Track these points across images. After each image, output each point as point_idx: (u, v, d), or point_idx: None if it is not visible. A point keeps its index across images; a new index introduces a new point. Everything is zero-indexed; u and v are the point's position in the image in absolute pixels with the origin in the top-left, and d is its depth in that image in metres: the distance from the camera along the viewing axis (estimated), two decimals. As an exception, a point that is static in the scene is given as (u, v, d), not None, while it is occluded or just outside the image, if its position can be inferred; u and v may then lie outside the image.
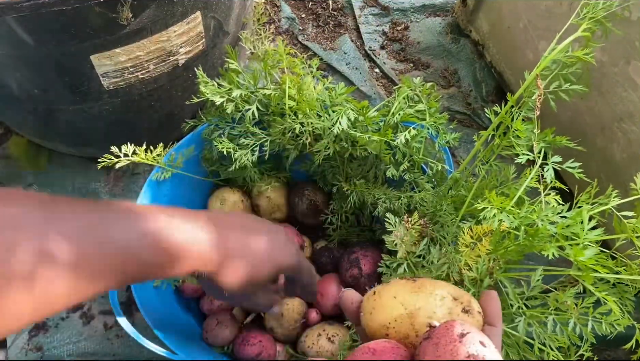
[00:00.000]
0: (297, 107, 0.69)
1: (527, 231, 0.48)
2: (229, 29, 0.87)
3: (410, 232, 0.57)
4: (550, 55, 0.52)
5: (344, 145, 0.68)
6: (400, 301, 0.37)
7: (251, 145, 0.72)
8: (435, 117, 0.69)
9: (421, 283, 0.38)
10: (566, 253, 0.45)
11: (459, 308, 0.36)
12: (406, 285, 0.38)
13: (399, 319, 0.36)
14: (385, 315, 0.37)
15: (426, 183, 0.69)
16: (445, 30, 1.28)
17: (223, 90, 0.72)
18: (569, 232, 0.46)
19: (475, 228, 0.52)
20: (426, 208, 0.63)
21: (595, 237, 0.45)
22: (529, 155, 0.57)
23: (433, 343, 0.31)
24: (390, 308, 0.37)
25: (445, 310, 0.36)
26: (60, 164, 1.01)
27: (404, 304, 0.37)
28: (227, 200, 0.82)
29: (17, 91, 0.76)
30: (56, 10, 0.59)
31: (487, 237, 0.51)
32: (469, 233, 0.52)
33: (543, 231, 0.47)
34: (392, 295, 0.38)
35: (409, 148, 0.68)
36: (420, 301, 0.36)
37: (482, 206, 0.49)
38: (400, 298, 0.37)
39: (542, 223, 0.48)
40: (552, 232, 0.46)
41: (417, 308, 0.36)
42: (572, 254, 0.44)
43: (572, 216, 0.47)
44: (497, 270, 0.51)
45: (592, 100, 0.85)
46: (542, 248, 0.46)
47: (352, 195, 0.72)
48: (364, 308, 0.39)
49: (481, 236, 0.51)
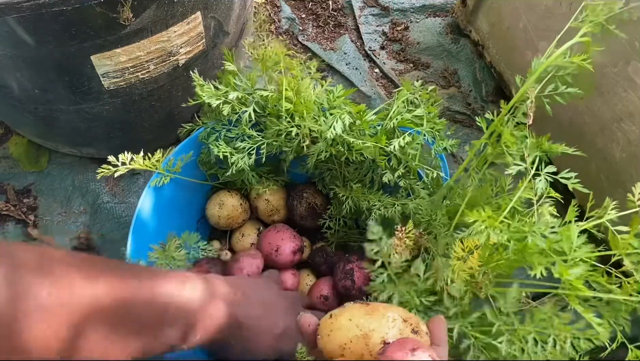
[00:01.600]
0: (293, 109, 0.68)
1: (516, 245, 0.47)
2: (229, 29, 0.87)
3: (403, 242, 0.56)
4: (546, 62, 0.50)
5: (340, 149, 0.68)
6: (356, 324, 0.40)
7: (248, 148, 0.72)
8: (434, 122, 0.68)
9: (374, 306, 0.42)
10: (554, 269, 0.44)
11: (408, 329, 0.40)
12: (360, 308, 0.42)
13: (354, 340, 0.40)
14: (342, 336, 0.40)
15: (422, 190, 0.68)
16: (445, 30, 1.28)
17: (220, 93, 0.71)
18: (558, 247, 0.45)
19: (466, 241, 0.51)
20: (421, 217, 0.62)
21: (584, 254, 0.44)
22: (521, 166, 0.54)
23: (388, 357, 0.36)
24: (346, 330, 0.40)
25: (397, 331, 0.40)
26: (60, 164, 1.01)
27: (359, 326, 0.40)
28: (226, 203, 0.82)
29: (17, 91, 0.76)
30: (56, 11, 0.59)
31: (477, 250, 0.51)
32: (459, 246, 0.52)
33: (532, 246, 0.46)
34: (348, 318, 0.41)
35: (404, 154, 0.68)
36: (374, 323, 0.40)
37: (472, 219, 0.48)
38: (355, 321, 0.40)
39: (532, 237, 0.47)
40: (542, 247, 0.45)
41: (371, 330, 0.40)
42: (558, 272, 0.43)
43: (561, 231, 0.46)
44: (487, 284, 0.51)
45: (592, 101, 0.85)
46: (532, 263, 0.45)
47: (347, 201, 0.72)
48: (321, 330, 0.42)
49: (472, 249, 0.51)
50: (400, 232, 0.56)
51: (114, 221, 0.96)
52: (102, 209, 0.97)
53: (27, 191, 0.99)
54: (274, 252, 0.78)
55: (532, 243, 0.46)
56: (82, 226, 0.96)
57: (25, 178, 1.00)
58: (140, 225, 0.71)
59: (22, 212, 0.96)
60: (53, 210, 0.97)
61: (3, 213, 0.95)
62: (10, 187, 0.98)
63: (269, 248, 0.79)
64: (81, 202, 0.98)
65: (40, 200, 0.98)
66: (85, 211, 0.97)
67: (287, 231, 0.81)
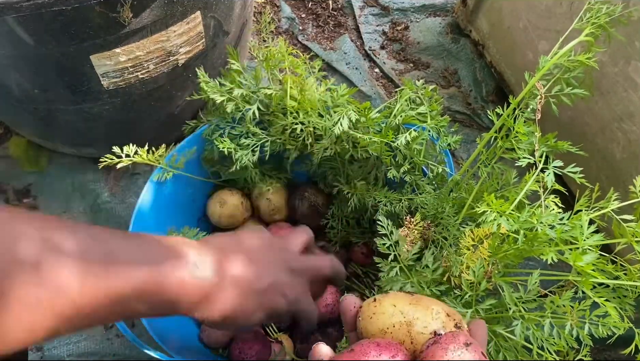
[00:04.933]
0: (298, 106, 0.69)
1: (526, 235, 0.49)
2: (229, 28, 0.87)
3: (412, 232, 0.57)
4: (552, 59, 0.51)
5: (345, 146, 0.68)
6: (400, 310, 0.40)
7: (252, 145, 0.72)
8: (437, 119, 0.68)
9: (419, 297, 0.42)
10: (565, 257, 0.45)
11: (451, 323, 0.40)
12: (405, 297, 0.42)
13: (397, 325, 0.39)
14: (385, 320, 0.40)
15: (427, 185, 0.68)
16: (445, 30, 1.28)
17: (224, 89, 0.72)
18: (568, 236, 0.46)
19: (476, 231, 0.52)
20: (427, 211, 0.63)
21: (595, 242, 0.45)
22: (530, 159, 0.57)
23: (442, 348, 0.35)
24: (390, 315, 0.40)
25: (440, 324, 0.39)
26: (60, 164, 1.01)
27: (403, 313, 0.40)
28: (227, 202, 0.81)
29: (17, 91, 0.76)
30: (56, 10, 0.59)
31: (487, 239, 0.51)
32: (469, 236, 0.52)
33: (542, 235, 0.47)
34: (392, 303, 0.41)
35: (410, 150, 0.68)
36: (418, 313, 0.40)
37: (482, 210, 0.50)
38: (400, 307, 0.40)
39: (541, 227, 0.48)
40: (551, 236, 0.47)
41: (415, 318, 0.39)
42: (571, 259, 0.44)
43: (571, 220, 0.47)
44: (496, 273, 0.51)
45: (592, 100, 0.85)
46: (541, 253, 0.46)
47: (352, 198, 0.72)
48: (363, 313, 0.42)
49: (482, 238, 0.52)
50: (408, 222, 0.56)
51: (114, 221, 0.96)
52: (102, 209, 0.97)
53: (27, 191, 0.99)
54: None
55: (541, 232, 0.47)
56: (82, 226, 0.96)
57: (25, 178, 1.00)
58: (141, 219, 0.71)
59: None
60: (53, 210, 0.97)
61: (3, 213, 0.95)
62: (10, 187, 0.98)
63: (272, 243, 0.79)
64: (81, 202, 0.98)
65: (40, 200, 0.98)
66: (85, 211, 0.97)
67: (289, 228, 0.82)
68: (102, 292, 0.36)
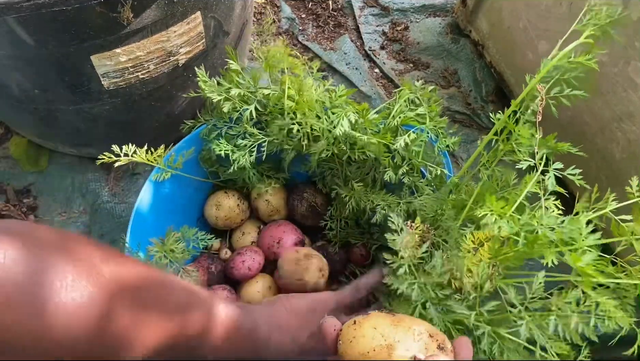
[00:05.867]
0: (296, 107, 0.69)
1: (526, 237, 0.48)
2: (229, 29, 0.87)
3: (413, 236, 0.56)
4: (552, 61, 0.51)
5: (342, 148, 0.68)
6: (380, 333, 0.39)
7: (249, 146, 0.72)
8: (436, 120, 0.68)
9: (401, 317, 0.41)
10: (565, 259, 0.45)
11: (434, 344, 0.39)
12: (386, 318, 0.41)
13: (377, 349, 0.38)
14: (365, 344, 0.39)
15: (426, 187, 0.68)
16: (445, 30, 1.28)
17: (222, 89, 0.72)
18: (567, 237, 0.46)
19: (476, 233, 0.52)
20: (426, 213, 0.62)
21: (593, 241, 0.45)
22: (531, 162, 0.57)
23: None
24: (370, 338, 0.39)
25: (422, 345, 0.38)
26: (60, 164, 1.01)
27: (384, 335, 0.39)
28: (222, 205, 0.81)
29: (17, 91, 0.76)
30: (56, 11, 0.59)
31: (488, 242, 0.51)
32: (470, 239, 0.52)
33: (542, 238, 0.47)
34: (372, 326, 0.40)
35: (408, 151, 0.68)
36: (399, 335, 0.39)
37: (482, 213, 0.49)
38: (380, 330, 0.39)
39: (541, 229, 0.47)
40: (551, 238, 0.46)
41: (396, 341, 0.38)
42: (570, 260, 0.44)
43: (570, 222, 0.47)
44: (497, 276, 0.51)
45: (592, 101, 0.85)
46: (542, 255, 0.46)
47: (350, 201, 0.72)
48: (343, 336, 0.41)
49: (483, 241, 0.51)
50: (410, 228, 0.56)
51: (114, 221, 0.96)
52: (102, 209, 0.97)
53: (27, 191, 0.99)
54: (275, 243, 0.78)
55: (542, 234, 0.47)
56: (82, 226, 0.96)
57: (25, 178, 1.00)
58: (140, 219, 0.71)
59: (22, 212, 0.96)
60: (53, 210, 0.97)
61: (3, 213, 0.95)
62: (10, 187, 0.98)
63: (271, 240, 0.79)
64: (81, 202, 0.98)
65: (40, 200, 0.98)
66: (85, 211, 0.97)
67: (289, 225, 0.82)
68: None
